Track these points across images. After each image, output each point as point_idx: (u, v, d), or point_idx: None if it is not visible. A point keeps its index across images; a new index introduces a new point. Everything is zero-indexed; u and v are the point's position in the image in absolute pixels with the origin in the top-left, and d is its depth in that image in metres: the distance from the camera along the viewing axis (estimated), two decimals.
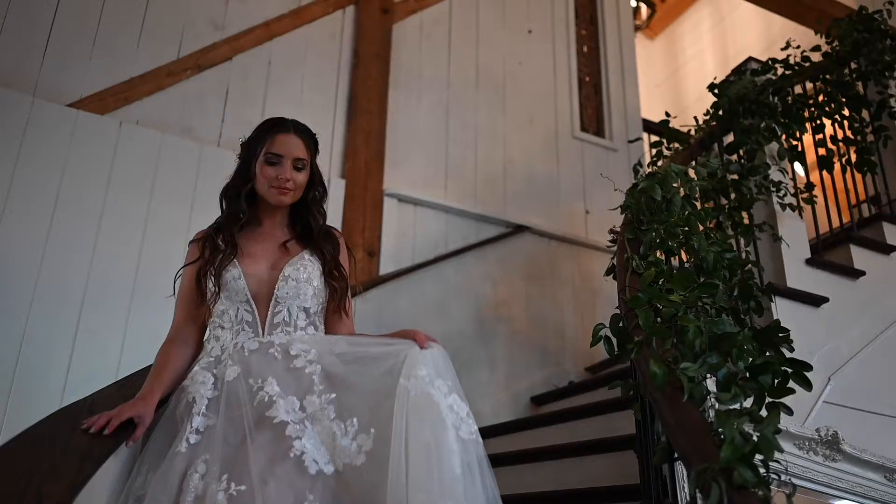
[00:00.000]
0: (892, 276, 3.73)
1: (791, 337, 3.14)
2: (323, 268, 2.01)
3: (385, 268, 4.01)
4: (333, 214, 3.99)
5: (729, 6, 7.93)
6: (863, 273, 3.58)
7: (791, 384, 1.87)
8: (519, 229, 4.54)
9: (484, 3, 5.06)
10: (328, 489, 1.67)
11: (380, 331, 3.72)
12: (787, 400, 2.96)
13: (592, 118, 5.23)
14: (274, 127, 2.02)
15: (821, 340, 3.33)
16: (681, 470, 1.99)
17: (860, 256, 3.66)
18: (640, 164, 3.63)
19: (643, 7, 7.89)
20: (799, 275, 3.43)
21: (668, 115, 3.79)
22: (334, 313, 2.04)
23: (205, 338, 1.97)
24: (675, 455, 1.83)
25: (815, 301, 3.36)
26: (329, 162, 4.12)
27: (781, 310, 3.27)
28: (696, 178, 2.95)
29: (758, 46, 7.20)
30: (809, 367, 1.91)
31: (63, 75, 3.60)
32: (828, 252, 3.67)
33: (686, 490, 1.93)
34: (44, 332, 3.18)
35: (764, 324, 3.18)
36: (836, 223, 3.88)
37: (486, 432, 3.82)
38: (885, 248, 3.75)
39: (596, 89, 5.33)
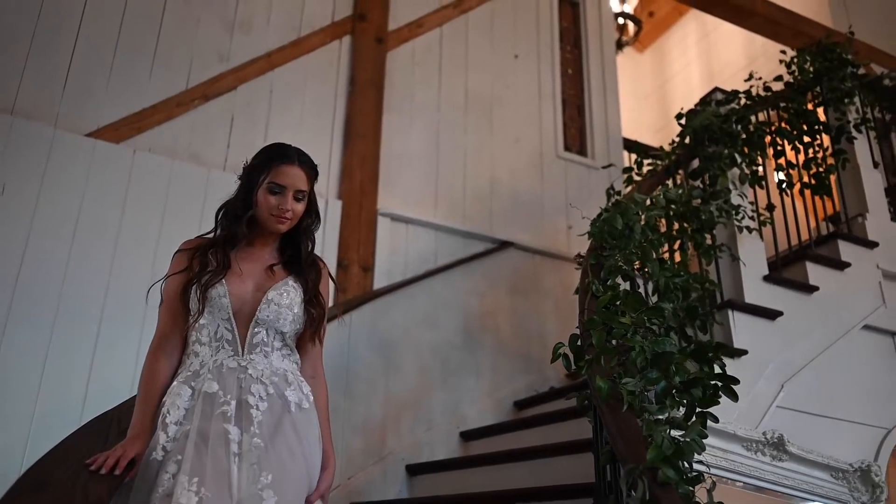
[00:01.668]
0: (845, 290, 4.03)
1: (746, 349, 3.48)
2: (304, 295, 2.06)
3: (379, 282, 4.33)
4: (331, 233, 4.31)
5: (714, 22, 8.22)
6: (816, 288, 3.89)
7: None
8: (504, 245, 4.86)
9: (473, 30, 5.37)
10: None
11: (372, 342, 4.07)
12: (743, 407, 3.30)
13: (576, 138, 5.54)
14: (279, 156, 2.06)
15: (775, 351, 3.63)
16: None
17: (815, 273, 3.96)
18: (612, 188, 3.94)
19: (630, 24, 8.19)
20: (756, 291, 3.74)
21: (642, 148, 4.10)
22: (308, 340, 2.10)
23: (186, 351, 2.02)
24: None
25: (771, 315, 3.66)
26: (327, 183, 4.44)
27: (739, 323, 3.58)
28: (657, 206, 3.26)
29: (741, 61, 7.51)
30: (736, 381, 2.23)
31: (81, 107, 3.91)
32: (786, 269, 3.97)
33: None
34: (66, 344, 3.49)
35: (722, 337, 3.53)
36: (795, 241, 4.19)
37: (471, 435, 4.16)
38: (839, 265, 4.06)
39: (579, 110, 5.64)
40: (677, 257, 3.54)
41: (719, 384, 2.20)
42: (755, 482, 3.20)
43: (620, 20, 7.37)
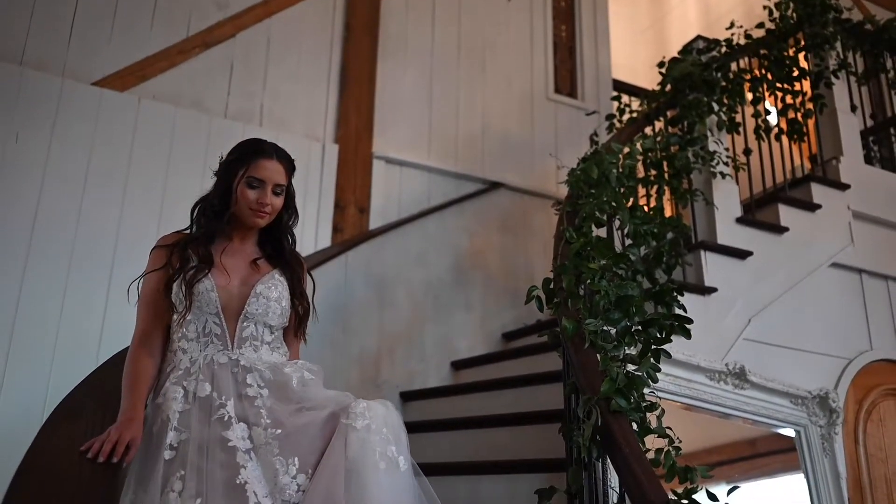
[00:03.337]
0: (815, 231, 4.26)
1: (716, 287, 3.74)
2: (291, 291, 2.08)
3: (374, 223, 4.56)
4: (328, 176, 4.53)
5: None
6: (787, 229, 4.12)
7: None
8: (495, 186, 5.08)
9: None
10: None
11: (368, 280, 4.33)
12: (712, 339, 3.57)
13: (566, 80, 5.69)
14: (256, 151, 2.05)
15: (744, 288, 3.89)
16: None
17: (787, 214, 4.19)
18: (595, 133, 4.14)
19: None
20: (729, 232, 3.97)
21: (632, 89, 4.26)
22: (293, 337, 2.12)
23: (170, 348, 2.00)
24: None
25: (741, 255, 3.90)
26: (324, 128, 4.62)
27: (710, 263, 3.83)
28: (633, 155, 3.46)
29: None
30: (690, 321, 2.48)
31: (86, 56, 4.07)
32: (759, 211, 4.19)
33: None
34: (82, 287, 3.74)
35: (694, 277, 3.78)
36: (770, 184, 4.40)
37: (462, 364, 4.46)
38: (810, 207, 4.27)
39: (570, 52, 5.77)
40: (654, 202, 3.75)
41: (675, 323, 2.45)
42: (718, 409, 3.50)
43: None
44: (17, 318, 3.56)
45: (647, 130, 3.94)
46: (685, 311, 2.88)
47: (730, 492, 1.82)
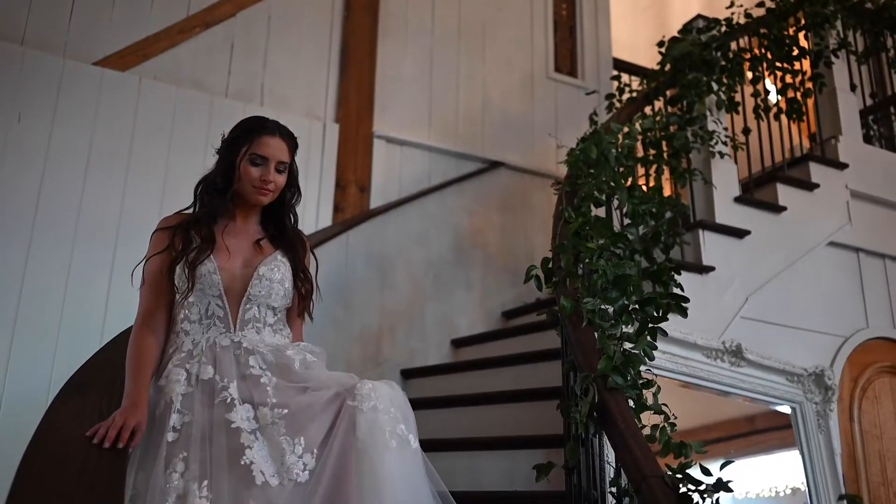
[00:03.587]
0: (813, 210, 4.29)
1: (714, 265, 3.78)
2: (294, 271, 2.07)
3: (375, 202, 4.59)
4: (329, 155, 4.55)
5: None
6: (785, 208, 4.15)
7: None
8: (495, 165, 5.10)
9: None
10: (269, 501, 1.72)
11: (369, 259, 4.37)
12: (709, 317, 3.62)
13: (567, 59, 5.69)
14: (259, 128, 2.04)
15: (742, 267, 3.93)
16: None
17: (785, 193, 4.22)
18: (595, 113, 4.15)
19: None
20: (727, 211, 4.00)
21: (632, 68, 4.27)
22: (297, 316, 2.13)
23: (173, 329, 1.99)
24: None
25: (739, 234, 3.94)
26: (325, 108, 4.64)
27: (708, 242, 3.87)
28: (632, 135, 3.48)
29: None
30: (686, 300, 2.52)
31: (87, 36, 4.08)
32: (757, 190, 4.22)
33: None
34: (86, 266, 3.77)
35: (693, 256, 3.82)
36: (769, 163, 4.42)
37: (462, 342, 4.51)
38: (808, 186, 4.30)
39: (571, 31, 5.77)
40: (653, 182, 3.78)
41: (672, 302, 2.49)
42: (715, 386, 3.56)
43: None
44: (22, 298, 3.60)
45: (647, 110, 3.96)
46: (682, 289, 2.91)
47: (723, 466, 1.87)
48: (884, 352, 4.45)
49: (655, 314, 2.44)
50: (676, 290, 2.62)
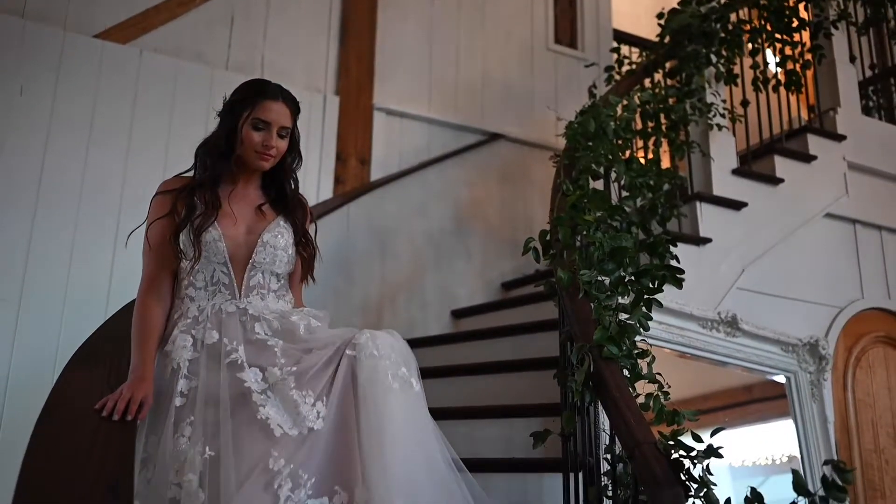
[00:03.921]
0: (810, 182, 4.33)
1: (711, 237, 3.81)
2: (295, 236, 2.08)
3: (375, 174, 4.62)
4: (329, 128, 4.57)
5: None
6: (782, 180, 4.18)
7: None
8: (494, 137, 5.12)
9: None
10: (292, 448, 1.76)
11: (369, 231, 4.41)
12: (705, 288, 3.67)
13: (567, 30, 5.67)
14: (262, 92, 2.03)
15: (739, 239, 3.97)
16: None
17: (782, 165, 4.25)
18: (594, 85, 4.17)
19: None
20: (725, 183, 4.04)
21: (632, 39, 4.27)
22: (299, 281, 2.16)
23: (178, 295, 2.01)
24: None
25: (736, 206, 3.98)
26: (325, 80, 4.65)
27: (706, 214, 3.91)
28: (630, 108, 3.50)
29: None
30: (682, 272, 2.55)
31: (88, 8, 4.07)
32: (755, 162, 4.25)
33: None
34: (90, 236, 3.81)
35: (690, 228, 3.86)
36: (768, 135, 4.44)
37: (462, 313, 4.56)
38: (806, 158, 4.33)
39: (571, 1, 5.75)
40: (651, 154, 3.81)
41: (666, 274, 2.53)
42: (710, 356, 3.62)
43: None
44: (28, 267, 3.65)
45: (646, 82, 3.97)
46: (678, 261, 2.96)
47: (713, 433, 1.92)
48: (878, 322, 4.51)
49: (651, 286, 2.48)
50: (672, 262, 2.66)
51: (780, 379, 4.01)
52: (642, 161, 3.52)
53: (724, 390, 4.20)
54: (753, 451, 4.24)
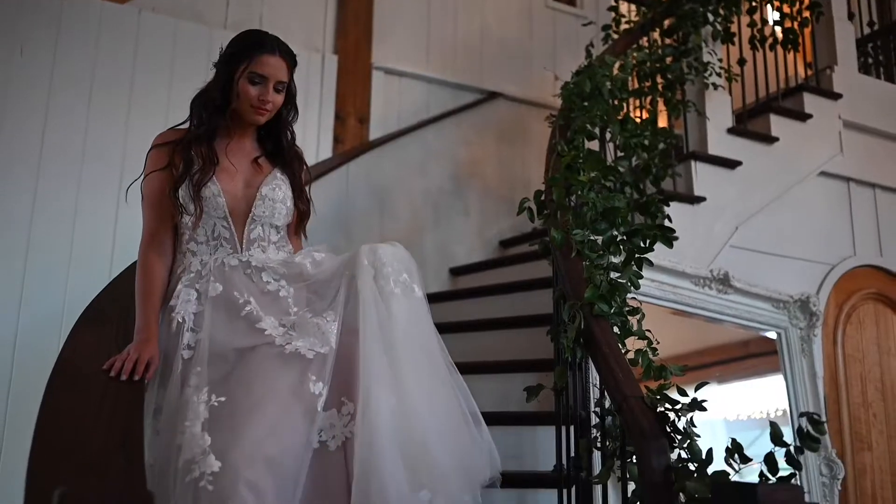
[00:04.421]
0: (805, 140, 4.36)
1: (705, 196, 3.86)
2: (293, 188, 2.09)
3: (374, 134, 4.65)
4: (328, 87, 4.58)
5: None
6: (777, 139, 4.22)
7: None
8: (493, 95, 5.14)
9: None
10: (326, 365, 1.80)
11: (369, 190, 4.46)
12: (699, 246, 3.72)
13: None
14: (259, 45, 1.99)
15: (733, 197, 4.02)
16: None
17: (778, 124, 4.28)
18: (591, 44, 4.18)
19: None
20: (720, 143, 4.07)
21: None
22: (294, 235, 2.16)
23: (180, 249, 2.02)
24: None
25: (730, 164, 4.02)
26: (323, 39, 4.66)
27: (700, 173, 3.95)
28: (626, 68, 3.53)
29: None
30: (672, 231, 2.62)
31: None
32: (751, 121, 4.28)
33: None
34: (93, 196, 3.86)
35: (684, 187, 3.90)
36: (764, 94, 4.46)
37: (460, 271, 4.63)
38: (801, 117, 4.36)
39: None
40: (646, 114, 3.84)
41: (657, 233, 2.59)
42: (702, 313, 3.70)
43: None
44: (33, 227, 3.71)
45: (643, 41, 3.98)
46: (671, 220, 3.02)
47: (698, 388, 2.00)
48: (870, 279, 4.59)
49: (642, 245, 2.54)
50: (665, 222, 2.73)
51: (772, 335, 4.10)
52: (637, 121, 3.54)
53: (722, 345, 4.27)
54: (750, 405, 4.33)
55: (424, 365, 1.90)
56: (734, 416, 4.29)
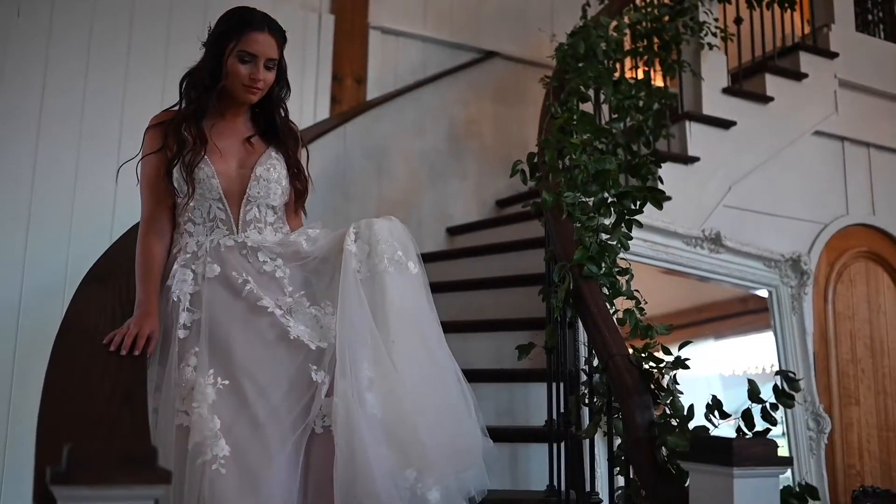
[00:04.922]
0: (800, 99, 4.38)
1: (699, 156, 3.90)
2: (288, 167, 2.07)
3: (371, 94, 4.66)
4: (325, 47, 4.58)
5: None
6: (772, 99, 4.24)
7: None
8: (490, 55, 5.13)
9: None
10: (326, 358, 1.82)
11: (366, 150, 4.49)
12: (692, 206, 3.77)
13: None
14: (248, 23, 1.96)
15: (727, 157, 4.06)
16: None
17: (773, 84, 4.29)
18: (587, 4, 4.16)
19: None
20: (714, 103, 4.10)
21: None
22: (293, 213, 2.14)
23: (177, 230, 2.02)
24: None
25: (724, 125, 4.05)
26: None
27: (694, 133, 3.99)
28: (620, 29, 3.53)
29: None
30: (662, 192, 2.66)
31: None
32: (746, 81, 4.29)
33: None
34: (92, 160, 3.89)
35: (679, 147, 3.94)
36: (760, 53, 4.46)
37: (456, 230, 4.68)
38: (797, 76, 4.37)
39: None
40: (641, 74, 3.85)
41: (648, 195, 2.63)
42: (694, 272, 3.77)
43: None
44: (34, 192, 3.75)
45: (639, 1, 3.98)
46: (662, 182, 3.07)
47: (681, 346, 2.06)
48: (862, 238, 4.65)
49: (632, 206, 2.59)
50: (657, 183, 2.77)
51: (763, 293, 4.18)
52: (632, 82, 3.56)
53: (720, 302, 4.33)
54: (746, 361, 4.41)
55: (417, 345, 1.92)
56: (730, 372, 4.38)
